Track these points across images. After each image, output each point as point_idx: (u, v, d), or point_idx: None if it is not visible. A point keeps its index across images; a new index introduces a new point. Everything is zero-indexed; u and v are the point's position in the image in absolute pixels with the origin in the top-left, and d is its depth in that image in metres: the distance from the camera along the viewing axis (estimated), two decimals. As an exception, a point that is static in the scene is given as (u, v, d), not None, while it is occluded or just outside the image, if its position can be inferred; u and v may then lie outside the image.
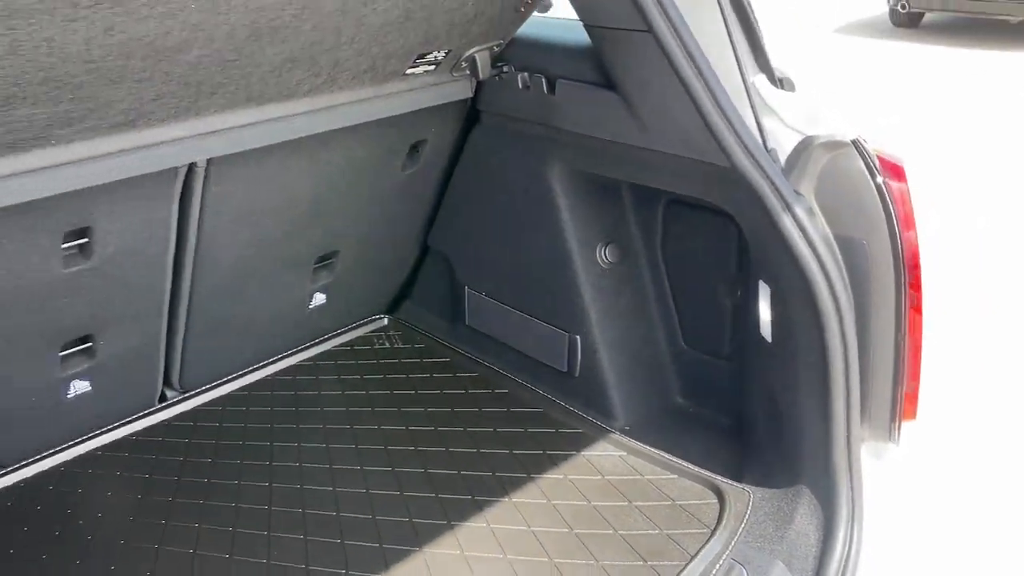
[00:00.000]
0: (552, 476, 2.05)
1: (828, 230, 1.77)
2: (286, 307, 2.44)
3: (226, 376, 2.45)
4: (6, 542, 1.87)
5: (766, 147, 1.79)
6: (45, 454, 2.12)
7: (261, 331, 2.44)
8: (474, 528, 1.90)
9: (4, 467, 2.06)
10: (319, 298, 2.52)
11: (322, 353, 2.63)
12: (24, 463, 2.08)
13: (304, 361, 2.58)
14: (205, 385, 2.41)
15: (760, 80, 1.85)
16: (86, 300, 1.90)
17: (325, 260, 2.44)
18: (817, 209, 1.78)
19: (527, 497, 1.99)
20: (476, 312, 2.57)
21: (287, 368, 2.54)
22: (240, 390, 2.43)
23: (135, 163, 1.69)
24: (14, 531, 1.91)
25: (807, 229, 1.73)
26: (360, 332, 2.74)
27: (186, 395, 2.37)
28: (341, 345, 2.68)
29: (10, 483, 2.05)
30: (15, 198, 1.55)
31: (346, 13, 1.67)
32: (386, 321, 2.81)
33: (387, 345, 2.68)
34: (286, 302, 2.43)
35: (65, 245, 1.77)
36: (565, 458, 2.12)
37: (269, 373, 2.51)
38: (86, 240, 1.80)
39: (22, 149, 1.51)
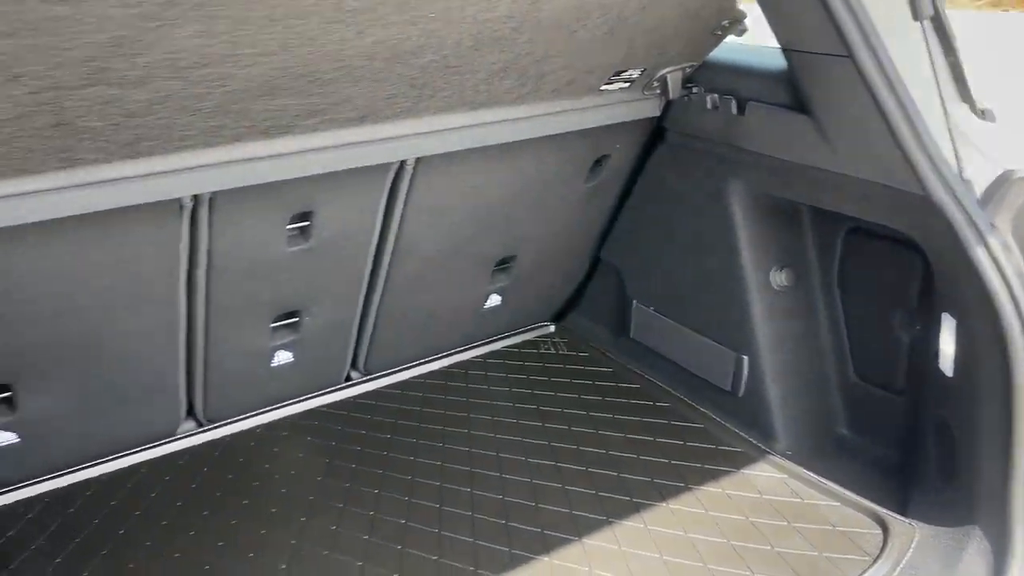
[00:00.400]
0: (710, 489, 2.09)
1: None
2: (464, 304, 2.60)
3: (404, 364, 2.63)
4: (213, 487, 2.11)
5: (962, 177, 1.78)
6: (249, 414, 2.36)
7: (439, 325, 2.61)
8: (631, 527, 1.96)
9: (214, 422, 2.31)
10: (494, 299, 2.66)
11: (491, 352, 2.77)
12: (232, 420, 2.33)
13: (475, 358, 2.73)
14: (386, 370, 2.60)
15: (960, 109, 1.84)
16: (300, 278, 2.11)
17: (503, 264, 2.59)
18: (1014, 244, 1.74)
19: (684, 505, 2.03)
20: (642, 326, 2.64)
21: (459, 363, 2.71)
22: (416, 378, 2.61)
23: (360, 156, 1.89)
24: (220, 478, 2.14)
25: (1001, 263, 1.70)
26: (527, 336, 2.87)
27: (369, 377, 2.57)
28: (509, 347, 2.81)
29: (217, 436, 2.30)
30: (262, 178, 1.77)
31: (559, 28, 1.81)
32: (552, 328, 2.92)
33: (553, 351, 2.79)
34: (465, 299, 2.59)
35: (290, 226, 1.99)
36: (724, 474, 2.15)
37: (443, 365, 2.68)
38: (308, 223, 2.02)
39: (273, 136, 1.73)
